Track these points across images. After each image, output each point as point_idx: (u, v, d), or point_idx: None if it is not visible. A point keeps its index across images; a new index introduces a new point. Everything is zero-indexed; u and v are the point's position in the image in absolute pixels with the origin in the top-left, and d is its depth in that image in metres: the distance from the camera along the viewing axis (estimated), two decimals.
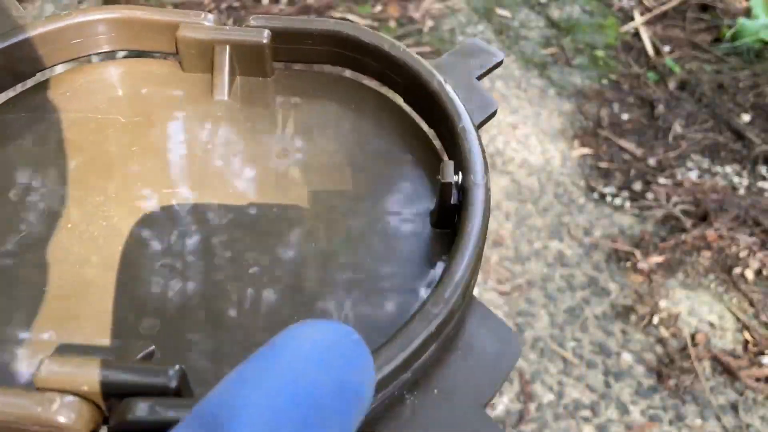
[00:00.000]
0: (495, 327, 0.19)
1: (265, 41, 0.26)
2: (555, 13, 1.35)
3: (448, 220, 0.22)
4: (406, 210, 0.23)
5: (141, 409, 0.15)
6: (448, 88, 0.25)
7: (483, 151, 0.22)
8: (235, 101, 0.27)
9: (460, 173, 0.22)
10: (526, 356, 0.85)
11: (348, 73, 0.29)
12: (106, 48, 0.27)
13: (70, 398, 0.15)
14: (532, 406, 0.80)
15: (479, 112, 0.25)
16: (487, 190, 0.21)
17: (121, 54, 0.30)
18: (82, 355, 0.17)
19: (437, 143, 0.26)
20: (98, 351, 0.19)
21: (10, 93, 0.27)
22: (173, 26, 0.26)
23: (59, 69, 0.28)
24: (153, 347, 0.19)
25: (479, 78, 0.27)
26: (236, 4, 1.31)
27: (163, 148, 0.25)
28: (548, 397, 0.81)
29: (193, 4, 1.32)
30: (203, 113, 0.26)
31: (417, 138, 0.26)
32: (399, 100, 0.28)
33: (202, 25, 0.26)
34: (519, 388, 0.82)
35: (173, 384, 0.16)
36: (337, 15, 1.28)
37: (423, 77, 0.25)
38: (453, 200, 0.21)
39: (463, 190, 0.21)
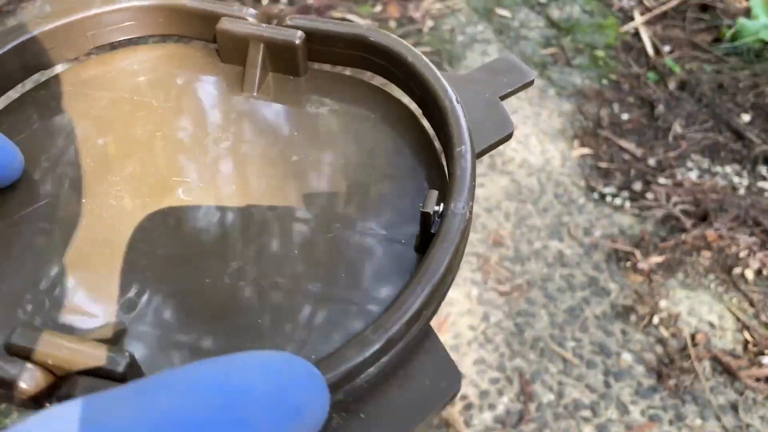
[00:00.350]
0: (441, 362, 0.19)
1: (297, 42, 0.26)
2: (555, 13, 1.35)
3: (428, 246, 0.22)
4: (401, 230, 0.23)
5: (79, 389, 0.17)
6: (458, 108, 0.24)
7: (473, 179, 0.22)
8: (263, 97, 0.27)
9: (442, 204, 0.21)
10: (527, 356, 0.85)
11: (380, 80, 0.29)
12: (152, 32, 0.29)
13: (30, 366, 0.17)
14: (532, 406, 0.80)
15: (493, 133, 0.25)
16: (466, 220, 0.21)
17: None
18: (67, 323, 0.19)
19: None
20: (83, 319, 0.21)
21: (59, 69, 0.29)
22: (215, 17, 0.27)
23: (106, 48, 0.29)
24: (125, 326, 0.20)
25: (503, 97, 0.27)
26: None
27: (185, 137, 0.26)
28: (548, 397, 0.81)
29: None
30: (231, 105, 0.27)
31: (430, 157, 0.26)
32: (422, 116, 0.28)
33: (243, 19, 0.27)
34: (519, 388, 0.82)
35: (120, 369, 0.17)
36: (337, 15, 1.28)
37: (437, 93, 0.25)
38: (433, 229, 0.21)
39: (442, 217, 0.21)
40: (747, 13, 1.30)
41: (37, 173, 0.24)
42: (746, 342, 0.87)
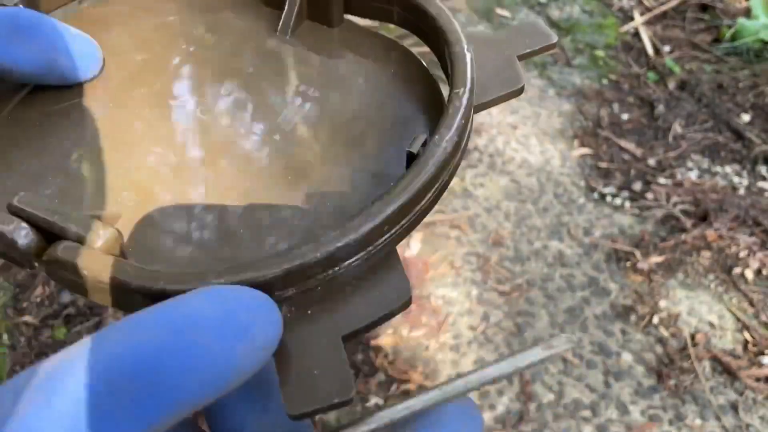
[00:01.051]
0: (395, 278, 0.20)
1: None
2: (555, 13, 1.35)
3: None
4: (394, 174, 0.24)
5: (59, 250, 0.18)
6: (468, 55, 0.25)
7: (463, 118, 0.22)
8: (295, 41, 0.29)
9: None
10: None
11: (411, 42, 0.30)
12: None
13: (25, 225, 0.19)
14: (532, 406, 0.80)
15: (501, 87, 0.26)
16: (447, 153, 0.21)
17: None
18: (75, 200, 0.22)
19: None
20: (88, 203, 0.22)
21: None
22: None
23: None
24: (120, 212, 0.22)
25: (522, 57, 0.27)
26: None
27: (216, 64, 0.27)
28: (548, 397, 0.81)
29: None
30: (263, 44, 0.28)
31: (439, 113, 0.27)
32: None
33: None
34: (519, 388, 0.82)
35: (99, 242, 0.18)
36: None
37: (450, 39, 0.26)
38: None
39: (424, 147, 0.22)
40: (747, 13, 1.30)
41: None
42: (746, 342, 0.87)
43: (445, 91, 0.28)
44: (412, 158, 0.22)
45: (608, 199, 1.03)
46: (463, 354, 0.84)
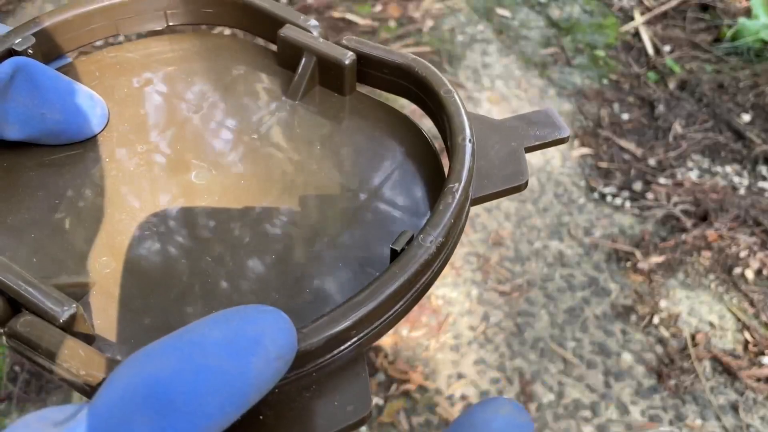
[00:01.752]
0: (357, 387, 0.19)
1: (347, 62, 0.27)
2: (555, 12, 1.35)
3: None
4: (378, 260, 0.23)
5: (19, 324, 0.18)
6: (468, 146, 0.24)
7: (453, 217, 0.21)
8: (304, 106, 0.28)
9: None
10: (527, 356, 0.85)
11: (419, 116, 0.30)
12: (223, 22, 0.31)
13: None
14: (532, 406, 0.80)
15: (503, 181, 0.25)
16: (430, 254, 0.20)
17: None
18: (44, 265, 0.21)
19: None
20: (59, 267, 0.22)
21: (101, 43, 0.30)
22: (281, 22, 0.29)
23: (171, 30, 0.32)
24: (90, 281, 0.21)
25: (530, 149, 0.27)
26: None
27: (220, 125, 0.27)
28: (548, 397, 0.81)
29: None
30: (271, 106, 0.28)
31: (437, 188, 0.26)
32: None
33: (305, 30, 0.28)
34: (519, 388, 0.82)
35: (61, 318, 0.18)
36: (337, 15, 1.28)
37: (454, 128, 0.25)
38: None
39: (408, 245, 0.21)
40: (747, 12, 1.30)
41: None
42: (746, 342, 0.87)
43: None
44: (393, 254, 0.21)
45: (608, 199, 1.03)
46: (463, 354, 0.84)
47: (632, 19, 1.33)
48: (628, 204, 1.02)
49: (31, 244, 0.22)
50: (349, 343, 0.19)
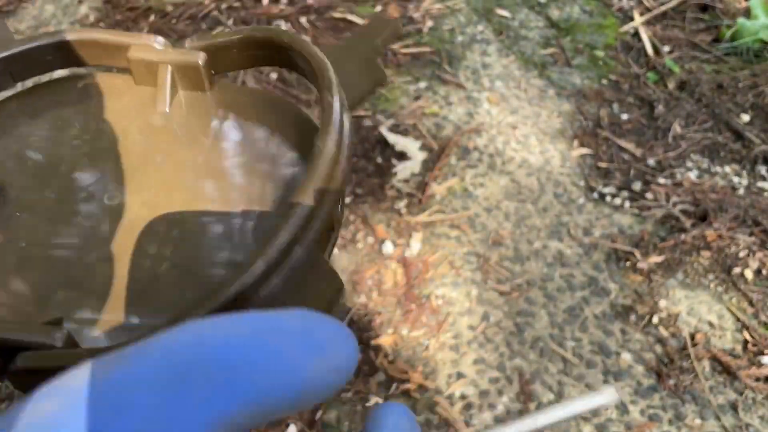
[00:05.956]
0: (324, 274, 0.22)
1: (200, 61, 0.30)
2: (555, 13, 1.35)
3: None
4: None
5: (20, 359, 0.19)
6: (328, 63, 0.27)
7: (340, 117, 0.25)
8: (175, 111, 0.31)
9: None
10: (526, 356, 0.85)
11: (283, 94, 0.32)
12: (73, 64, 0.32)
13: None
14: (532, 406, 0.81)
15: (368, 81, 0.29)
16: (332, 153, 0.23)
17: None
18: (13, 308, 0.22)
19: None
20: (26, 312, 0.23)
21: None
22: (126, 47, 0.30)
23: (29, 83, 0.32)
24: (61, 317, 0.22)
25: (376, 50, 0.30)
26: (236, 4, 1.32)
27: (107, 152, 0.29)
28: (548, 396, 0.82)
29: (193, 4, 1.32)
30: (147, 121, 0.30)
31: None
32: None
33: (150, 47, 0.30)
34: (519, 387, 0.82)
35: (58, 344, 0.19)
36: (337, 15, 1.28)
37: (308, 57, 0.28)
38: None
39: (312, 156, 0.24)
40: (747, 13, 1.30)
41: None
42: (746, 342, 0.87)
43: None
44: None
45: (608, 199, 1.03)
46: (463, 354, 0.84)
47: (632, 19, 1.33)
48: (627, 204, 1.02)
49: None
50: (295, 250, 0.21)
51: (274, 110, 0.31)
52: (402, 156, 1.06)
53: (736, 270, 0.93)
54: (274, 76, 1.15)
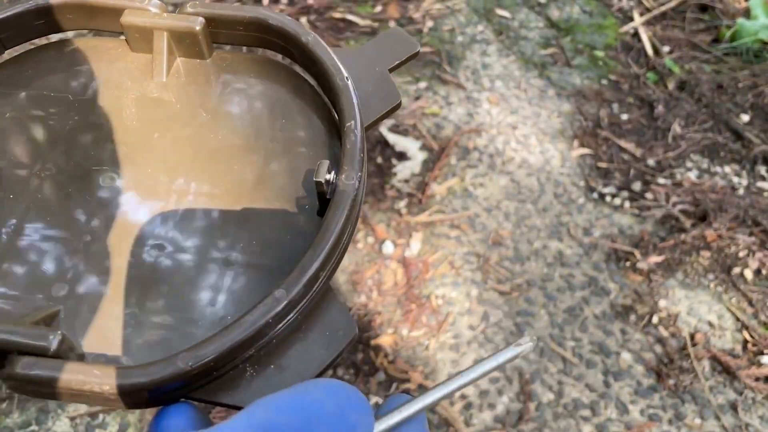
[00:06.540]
0: (338, 314, 0.22)
1: (198, 28, 0.28)
2: (555, 13, 1.35)
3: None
4: (303, 197, 0.25)
5: (19, 366, 0.18)
6: (349, 85, 0.26)
7: (361, 152, 0.24)
8: (173, 81, 0.29)
9: (334, 172, 0.24)
10: (526, 356, 0.85)
11: (281, 58, 0.31)
12: (65, 28, 0.30)
13: None
14: (532, 406, 0.81)
15: (382, 104, 0.27)
16: (356, 190, 0.23)
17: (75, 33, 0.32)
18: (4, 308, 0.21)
19: None
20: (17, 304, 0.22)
21: None
22: (120, 11, 0.28)
23: (21, 49, 0.30)
24: (59, 308, 0.22)
25: (392, 69, 0.29)
26: (235, 5, 1.31)
27: (103, 126, 0.27)
28: (548, 396, 0.82)
29: None
30: (143, 92, 0.28)
31: (330, 128, 0.28)
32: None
33: (145, 11, 0.28)
34: (518, 387, 0.82)
35: (52, 347, 0.19)
36: (337, 15, 1.28)
37: (329, 70, 0.27)
38: (328, 195, 0.24)
39: (336, 187, 0.23)
40: (746, 13, 1.30)
41: None
42: (745, 341, 0.87)
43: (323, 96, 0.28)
44: (318, 185, 0.23)
45: (608, 199, 1.03)
46: (462, 353, 0.84)
47: (631, 19, 1.33)
48: (627, 204, 1.02)
49: None
50: (319, 281, 0.21)
51: (277, 77, 0.29)
52: (402, 156, 1.06)
53: (736, 270, 0.93)
54: None
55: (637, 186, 1.04)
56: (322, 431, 0.16)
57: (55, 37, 0.31)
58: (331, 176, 0.23)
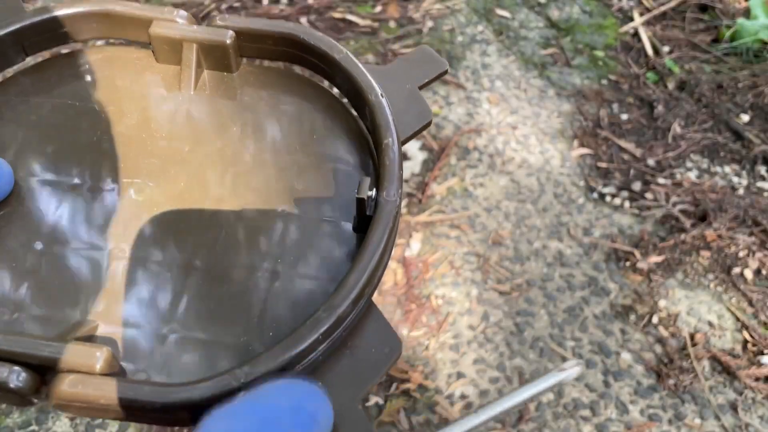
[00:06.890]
0: (383, 331, 0.22)
1: (228, 41, 0.28)
2: (554, 13, 1.35)
3: (366, 227, 0.24)
4: (336, 213, 0.25)
5: (66, 384, 0.18)
6: (384, 101, 0.26)
7: (400, 168, 0.24)
8: (200, 94, 0.29)
9: (374, 190, 0.24)
10: (526, 356, 0.85)
11: (309, 73, 0.31)
12: (89, 37, 0.29)
13: (17, 368, 0.18)
14: (532, 406, 0.81)
15: (415, 122, 0.27)
16: (397, 206, 0.23)
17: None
18: (42, 325, 0.21)
19: None
20: (51, 322, 0.22)
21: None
22: (148, 21, 0.28)
23: (46, 55, 0.29)
24: (98, 323, 0.22)
25: (422, 87, 0.29)
26: (236, 5, 1.32)
27: (130, 138, 0.27)
28: (547, 396, 0.82)
29: (194, 4, 1.32)
30: (171, 105, 0.28)
31: (361, 142, 0.28)
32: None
33: (174, 23, 0.28)
34: (518, 387, 0.82)
35: (98, 365, 0.19)
36: (337, 15, 1.28)
37: (362, 88, 0.27)
38: (368, 212, 0.24)
39: (377, 203, 0.23)
40: (746, 13, 1.30)
41: None
42: (745, 341, 0.87)
43: (351, 109, 0.28)
44: (360, 202, 0.23)
45: (608, 199, 1.03)
46: (462, 354, 0.84)
47: (631, 19, 1.33)
48: (627, 204, 1.02)
49: (11, 311, 0.22)
50: (364, 297, 0.21)
51: (305, 91, 0.29)
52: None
53: (736, 270, 0.93)
54: None
55: (637, 186, 1.04)
56: (285, 427, 0.17)
57: (77, 46, 0.30)
58: (372, 193, 0.24)
